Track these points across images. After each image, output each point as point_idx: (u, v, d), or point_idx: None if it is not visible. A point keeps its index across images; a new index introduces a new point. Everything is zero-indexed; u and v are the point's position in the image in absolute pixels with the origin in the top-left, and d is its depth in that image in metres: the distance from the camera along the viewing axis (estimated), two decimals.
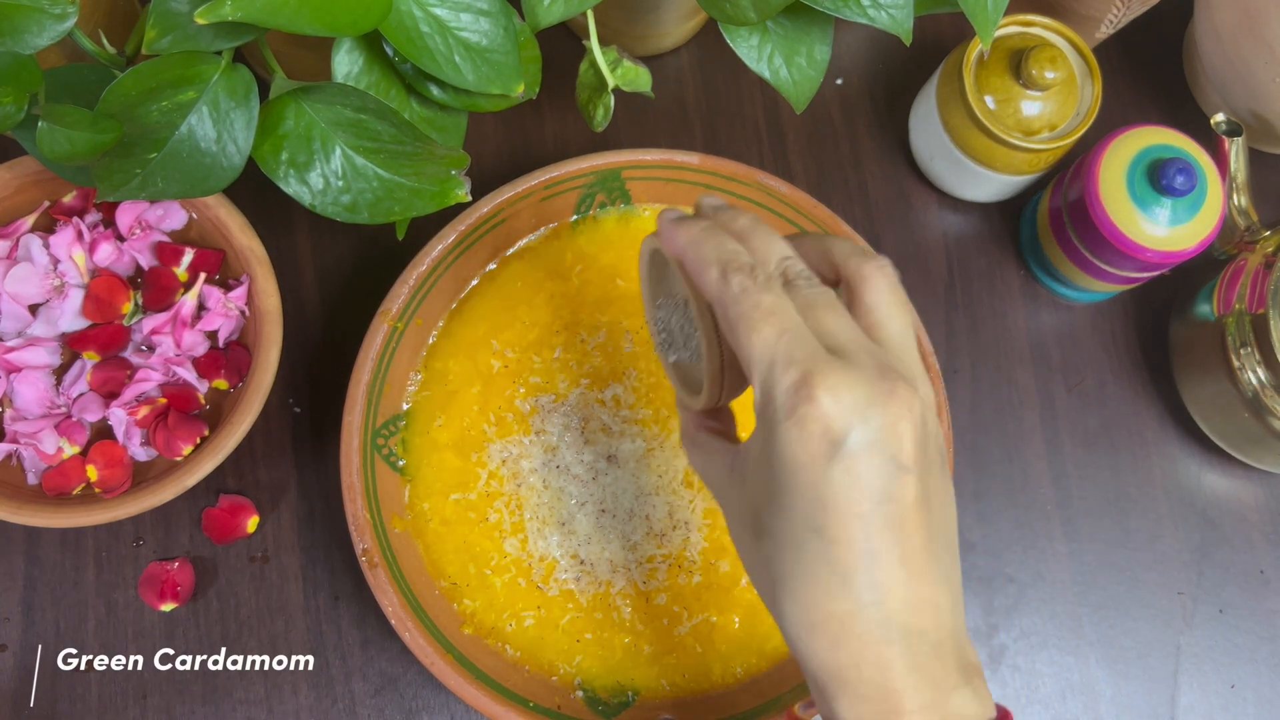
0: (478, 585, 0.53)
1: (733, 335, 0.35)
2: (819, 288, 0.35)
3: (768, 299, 0.34)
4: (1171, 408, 0.61)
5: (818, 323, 0.34)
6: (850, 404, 0.32)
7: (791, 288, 0.35)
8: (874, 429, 0.32)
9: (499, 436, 0.54)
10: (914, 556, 0.32)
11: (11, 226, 0.53)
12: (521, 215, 0.56)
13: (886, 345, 0.35)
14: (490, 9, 0.43)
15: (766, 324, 0.33)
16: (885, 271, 0.36)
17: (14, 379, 0.51)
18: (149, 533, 0.55)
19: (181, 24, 0.40)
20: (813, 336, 0.34)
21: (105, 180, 0.42)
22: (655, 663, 0.52)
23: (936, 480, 0.34)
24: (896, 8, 0.44)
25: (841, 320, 0.34)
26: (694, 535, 0.54)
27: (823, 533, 0.32)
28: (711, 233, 0.37)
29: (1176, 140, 0.54)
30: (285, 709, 0.54)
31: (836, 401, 0.32)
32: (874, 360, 0.33)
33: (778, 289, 0.35)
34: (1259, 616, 0.58)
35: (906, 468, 0.32)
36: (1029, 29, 0.56)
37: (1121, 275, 0.56)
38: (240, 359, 0.53)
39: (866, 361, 0.33)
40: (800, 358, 0.33)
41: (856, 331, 0.34)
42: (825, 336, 0.34)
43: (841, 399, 0.32)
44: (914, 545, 0.32)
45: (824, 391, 0.32)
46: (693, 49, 0.64)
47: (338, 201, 0.44)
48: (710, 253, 0.36)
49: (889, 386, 0.32)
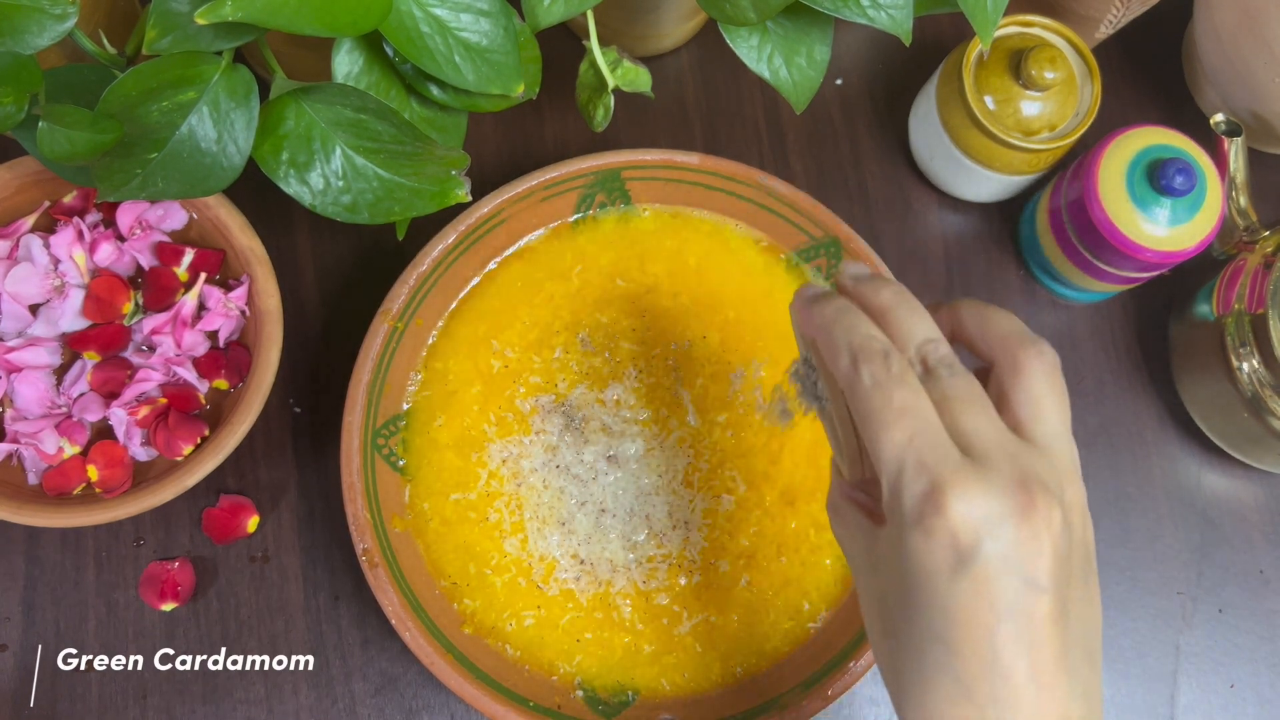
0: (478, 585, 0.53)
1: (863, 429, 0.33)
2: (961, 377, 0.33)
3: (899, 395, 0.32)
4: (1171, 408, 0.61)
5: (955, 420, 0.32)
6: (981, 517, 0.30)
7: (931, 376, 0.33)
8: (1006, 544, 0.30)
9: (499, 436, 0.54)
10: (1045, 671, 0.31)
11: (12, 226, 0.53)
12: (521, 215, 0.56)
13: (1036, 444, 0.33)
14: (490, 9, 0.43)
15: (897, 425, 0.31)
16: (1044, 360, 0.34)
17: (14, 379, 0.51)
18: (149, 533, 0.55)
19: (182, 24, 0.40)
20: (947, 437, 0.32)
21: (105, 180, 0.42)
22: (655, 663, 0.53)
23: (1078, 590, 0.32)
24: (896, 8, 0.44)
25: (982, 417, 0.32)
26: (694, 535, 0.54)
27: (947, 643, 0.31)
28: (845, 313, 0.34)
29: (1176, 140, 0.54)
30: (285, 709, 0.54)
31: (967, 514, 0.30)
32: (1014, 467, 0.31)
33: (912, 381, 0.32)
34: (1258, 616, 0.58)
35: (1041, 586, 0.31)
36: (1028, 29, 0.56)
37: (1121, 275, 0.56)
38: (240, 359, 0.53)
39: (1004, 469, 0.31)
40: (931, 463, 0.31)
41: (999, 430, 0.32)
42: (963, 436, 0.32)
43: (972, 511, 0.30)
44: (1045, 659, 0.31)
45: (953, 503, 0.30)
46: (693, 49, 0.64)
47: (338, 201, 0.44)
48: (842, 337, 0.34)
49: (1027, 499, 0.30)
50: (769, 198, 0.56)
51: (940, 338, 0.34)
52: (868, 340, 0.33)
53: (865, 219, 0.62)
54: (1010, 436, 0.32)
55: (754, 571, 0.53)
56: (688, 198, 0.57)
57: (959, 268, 0.62)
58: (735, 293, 0.57)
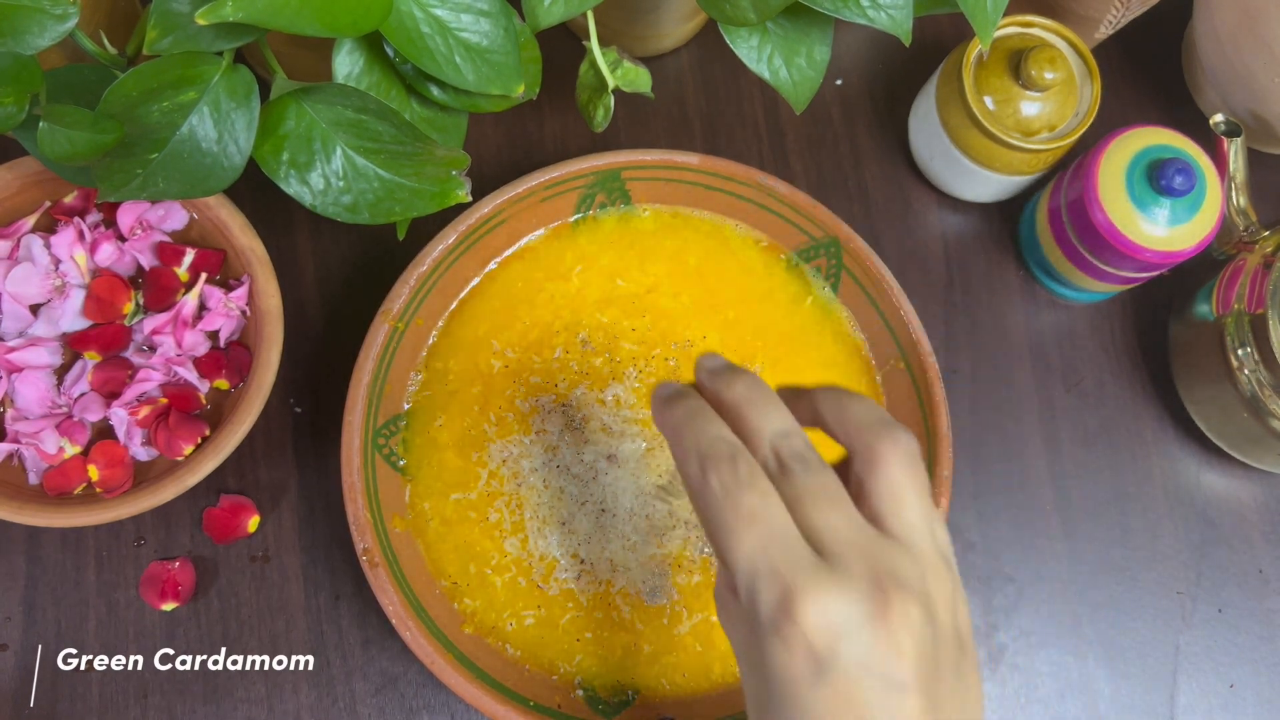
0: (478, 584, 0.53)
1: (713, 536, 0.32)
2: (816, 473, 0.32)
3: (748, 500, 0.31)
4: (1170, 408, 0.61)
5: (808, 518, 0.31)
6: (836, 621, 0.29)
7: (784, 472, 0.32)
8: (864, 647, 0.29)
9: (499, 436, 0.54)
10: None
11: (12, 227, 0.53)
12: (522, 215, 0.56)
13: (895, 536, 0.32)
14: (490, 9, 0.43)
15: (747, 532, 0.31)
16: (899, 448, 0.33)
17: (15, 379, 0.51)
18: (150, 532, 0.55)
19: (182, 24, 0.40)
20: (799, 540, 0.31)
21: (106, 180, 0.42)
22: (655, 662, 0.53)
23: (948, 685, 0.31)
24: (896, 8, 0.44)
25: (835, 515, 0.31)
26: (694, 535, 0.54)
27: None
28: (694, 416, 0.34)
29: (1175, 140, 0.54)
30: (286, 708, 0.54)
31: (820, 620, 0.29)
32: (868, 566, 0.30)
33: (761, 484, 0.32)
34: (1258, 616, 0.58)
35: (905, 686, 0.30)
36: (1028, 29, 0.56)
37: (1120, 275, 0.56)
38: (241, 359, 0.53)
39: (857, 569, 0.30)
40: (783, 569, 0.30)
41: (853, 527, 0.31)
42: (815, 535, 0.31)
43: (826, 617, 0.29)
44: None
45: (806, 610, 0.29)
46: (693, 49, 0.64)
47: (338, 202, 0.44)
48: (690, 441, 0.33)
49: (882, 599, 0.30)
50: (769, 198, 0.56)
51: (794, 430, 0.33)
52: (714, 443, 0.33)
53: (865, 219, 0.62)
54: (867, 532, 0.31)
55: None
56: (688, 198, 0.57)
57: (959, 268, 0.62)
58: (735, 293, 0.57)
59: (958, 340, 0.61)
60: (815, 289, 0.57)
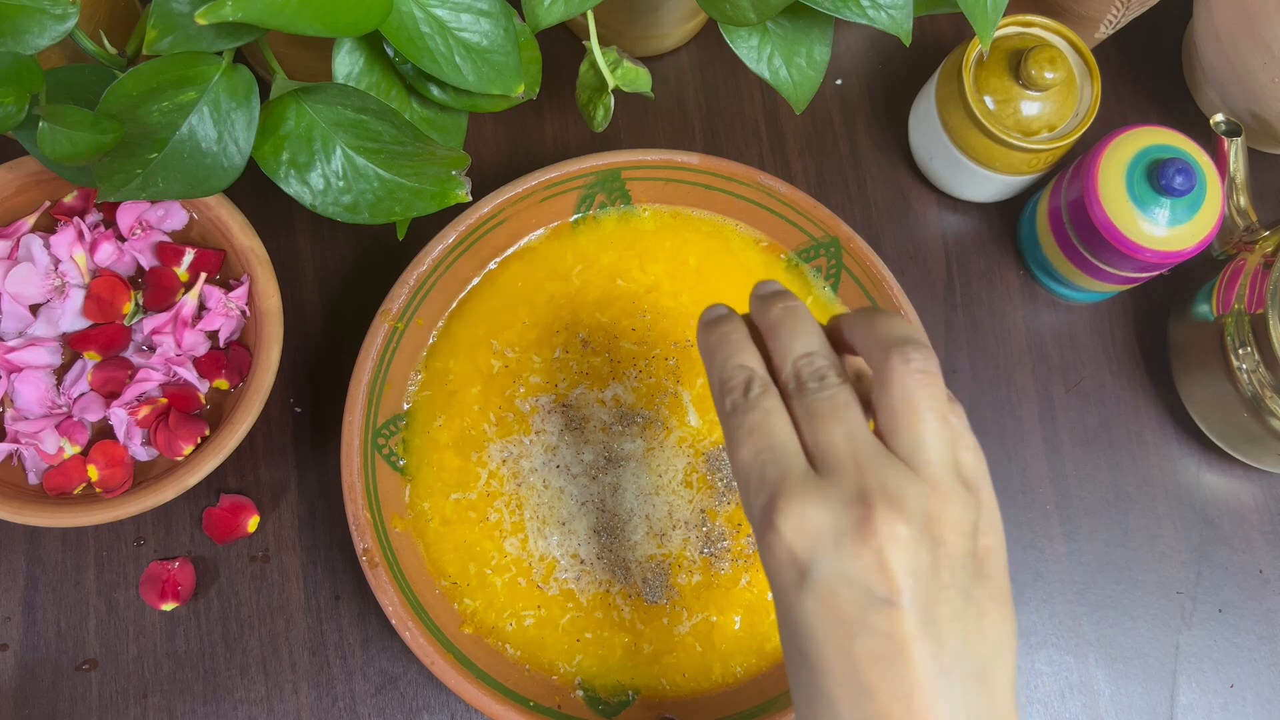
0: (478, 585, 0.53)
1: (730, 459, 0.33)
2: (831, 390, 0.32)
3: (751, 417, 0.32)
4: (1170, 407, 0.61)
5: (813, 435, 0.32)
6: (812, 530, 0.30)
7: (800, 390, 0.33)
8: (841, 559, 0.29)
9: (499, 436, 0.54)
10: (918, 691, 0.29)
11: (12, 227, 0.53)
12: (521, 215, 0.56)
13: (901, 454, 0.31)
14: (490, 9, 0.43)
15: (746, 444, 0.32)
16: (910, 365, 0.32)
17: (15, 379, 0.51)
18: (150, 532, 0.55)
19: (182, 24, 0.40)
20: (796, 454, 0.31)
21: (106, 180, 0.42)
22: (655, 662, 0.53)
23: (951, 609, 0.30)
24: (896, 8, 0.44)
25: (841, 429, 0.31)
26: (694, 535, 0.54)
27: (810, 660, 0.30)
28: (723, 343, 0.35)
29: (1175, 140, 0.54)
30: (286, 708, 0.54)
31: (799, 528, 0.30)
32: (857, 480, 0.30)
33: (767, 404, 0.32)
34: (1258, 616, 0.58)
35: (890, 602, 0.29)
36: (1028, 29, 0.56)
37: (1120, 275, 0.56)
38: (241, 359, 0.53)
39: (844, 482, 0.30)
40: (771, 478, 0.31)
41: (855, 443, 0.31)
42: (819, 450, 0.31)
43: (804, 525, 0.30)
44: (914, 679, 0.29)
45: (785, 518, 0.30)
46: (693, 49, 0.64)
47: (338, 202, 0.44)
48: (716, 367, 0.34)
49: (863, 513, 0.30)
50: (769, 198, 0.56)
51: (820, 351, 0.34)
52: (734, 371, 0.34)
53: (865, 219, 0.62)
54: (870, 448, 0.31)
55: (754, 571, 0.53)
56: (688, 198, 0.57)
57: (959, 268, 0.62)
58: (735, 293, 0.57)
59: (957, 340, 0.61)
60: (815, 289, 0.57)
